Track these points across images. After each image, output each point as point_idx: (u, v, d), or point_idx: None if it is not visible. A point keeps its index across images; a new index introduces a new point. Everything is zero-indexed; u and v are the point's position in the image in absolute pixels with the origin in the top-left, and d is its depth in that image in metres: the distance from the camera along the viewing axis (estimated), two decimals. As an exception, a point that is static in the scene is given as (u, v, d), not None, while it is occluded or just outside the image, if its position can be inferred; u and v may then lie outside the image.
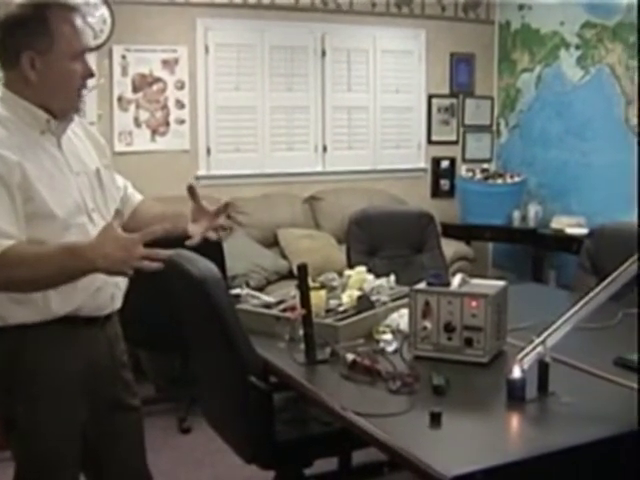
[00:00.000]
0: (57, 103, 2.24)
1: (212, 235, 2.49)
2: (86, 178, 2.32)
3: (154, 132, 6.04)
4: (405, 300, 2.92)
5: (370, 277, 3.29)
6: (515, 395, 2.22)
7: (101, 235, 2.06)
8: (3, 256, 2.04)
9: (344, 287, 3.23)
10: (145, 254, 2.00)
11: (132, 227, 2.34)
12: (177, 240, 2.39)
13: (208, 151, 6.23)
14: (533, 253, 6.62)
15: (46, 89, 2.21)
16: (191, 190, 2.50)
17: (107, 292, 2.35)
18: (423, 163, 7.18)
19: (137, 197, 2.69)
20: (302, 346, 2.64)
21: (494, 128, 7.42)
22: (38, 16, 2.18)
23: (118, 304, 2.44)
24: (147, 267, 2.00)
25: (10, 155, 2.11)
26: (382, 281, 3.28)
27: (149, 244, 2.02)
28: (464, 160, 7.30)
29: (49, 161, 2.21)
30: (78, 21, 2.25)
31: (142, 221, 2.52)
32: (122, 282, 2.43)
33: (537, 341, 2.30)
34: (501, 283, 2.76)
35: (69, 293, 2.22)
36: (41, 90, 2.21)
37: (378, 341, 2.79)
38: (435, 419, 2.07)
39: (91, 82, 2.36)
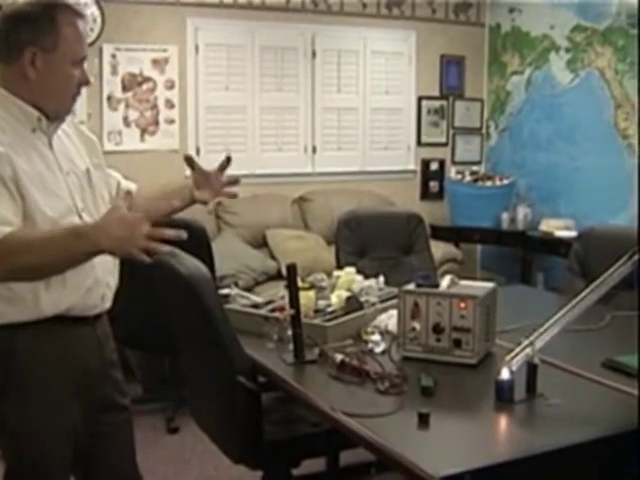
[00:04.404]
0: (50, 104, 2.23)
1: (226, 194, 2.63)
2: (76, 178, 2.31)
3: (143, 132, 6.03)
4: (394, 301, 2.92)
5: (359, 278, 3.29)
6: (503, 396, 2.23)
7: (106, 216, 2.05)
8: (4, 243, 2.01)
9: (333, 288, 3.22)
10: (149, 233, 1.96)
11: None
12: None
13: (197, 151, 6.21)
14: (522, 256, 6.63)
15: (42, 89, 2.20)
16: (189, 160, 2.56)
17: (98, 292, 2.34)
18: (412, 165, 7.18)
19: (132, 187, 2.68)
20: (291, 346, 2.64)
21: (484, 130, 7.44)
22: (47, 15, 2.18)
23: (108, 304, 2.43)
24: (155, 248, 1.97)
25: None
26: (371, 282, 3.28)
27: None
28: (453, 162, 7.31)
29: (40, 160, 2.20)
30: (82, 28, 2.25)
31: (142, 206, 2.48)
32: (113, 282, 2.43)
33: (525, 343, 2.30)
34: (490, 285, 2.76)
35: (59, 293, 2.21)
36: (37, 89, 2.20)
37: (367, 342, 2.79)
38: (423, 420, 2.07)
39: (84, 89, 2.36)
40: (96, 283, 2.31)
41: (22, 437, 2.26)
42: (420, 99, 7.12)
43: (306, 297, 2.89)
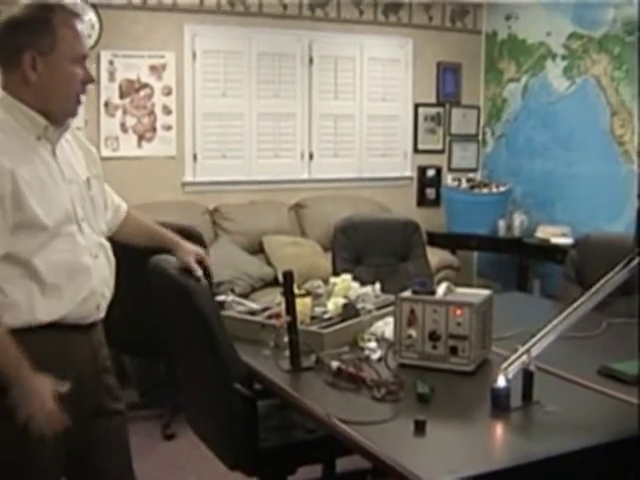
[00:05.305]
0: (56, 106, 2.24)
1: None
2: (77, 187, 2.32)
3: (141, 138, 6.03)
4: (390, 308, 2.93)
5: (355, 285, 3.29)
6: (500, 404, 2.23)
7: (42, 392, 2.19)
8: None
9: (329, 295, 3.22)
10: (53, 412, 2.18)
11: (120, 239, 2.59)
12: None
13: (194, 157, 6.22)
14: (518, 262, 6.64)
15: (46, 91, 2.21)
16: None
17: (93, 302, 2.33)
18: (409, 172, 7.19)
19: (122, 209, 2.70)
20: (287, 353, 2.64)
21: (480, 137, 7.45)
22: (42, 17, 2.19)
23: (103, 314, 2.42)
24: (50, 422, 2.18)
25: (3, 162, 2.10)
26: (367, 289, 3.28)
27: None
28: (450, 169, 7.31)
29: (42, 168, 2.21)
30: (79, 26, 2.26)
31: (130, 229, 2.69)
32: (108, 293, 2.42)
33: (522, 350, 2.30)
34: (486, 292, 2.76)
35: (55, 303, 2.21)
36: (41, 92, 2.20)
37: (363, 349, 2.79)
38: (419, 427, 2.07)
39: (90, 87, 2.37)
40: (92, 293, 2.31)
41: (14, 441, 2.25)
42: (417, 106, 7.13)
43: (302, 304, 2.89)
